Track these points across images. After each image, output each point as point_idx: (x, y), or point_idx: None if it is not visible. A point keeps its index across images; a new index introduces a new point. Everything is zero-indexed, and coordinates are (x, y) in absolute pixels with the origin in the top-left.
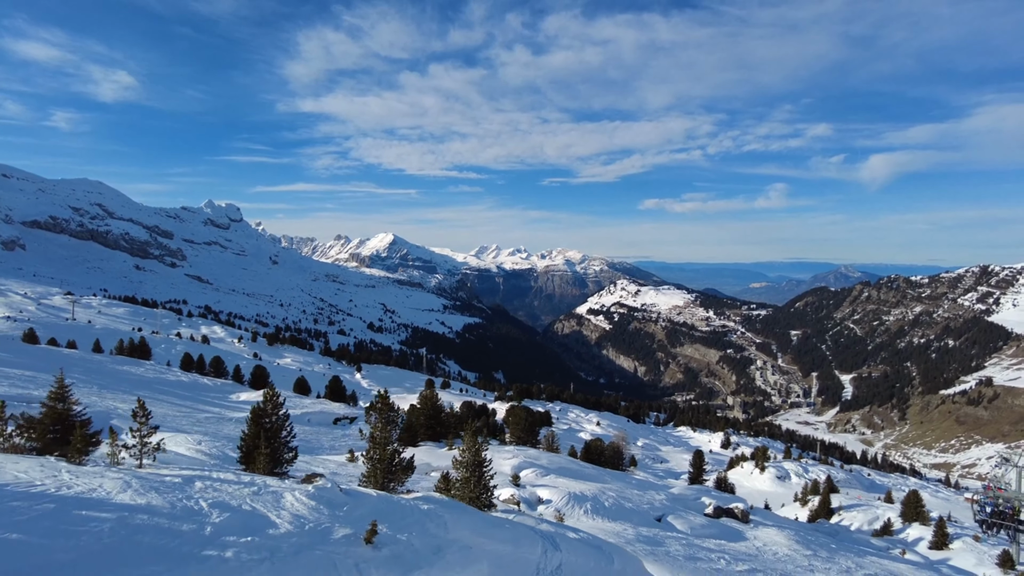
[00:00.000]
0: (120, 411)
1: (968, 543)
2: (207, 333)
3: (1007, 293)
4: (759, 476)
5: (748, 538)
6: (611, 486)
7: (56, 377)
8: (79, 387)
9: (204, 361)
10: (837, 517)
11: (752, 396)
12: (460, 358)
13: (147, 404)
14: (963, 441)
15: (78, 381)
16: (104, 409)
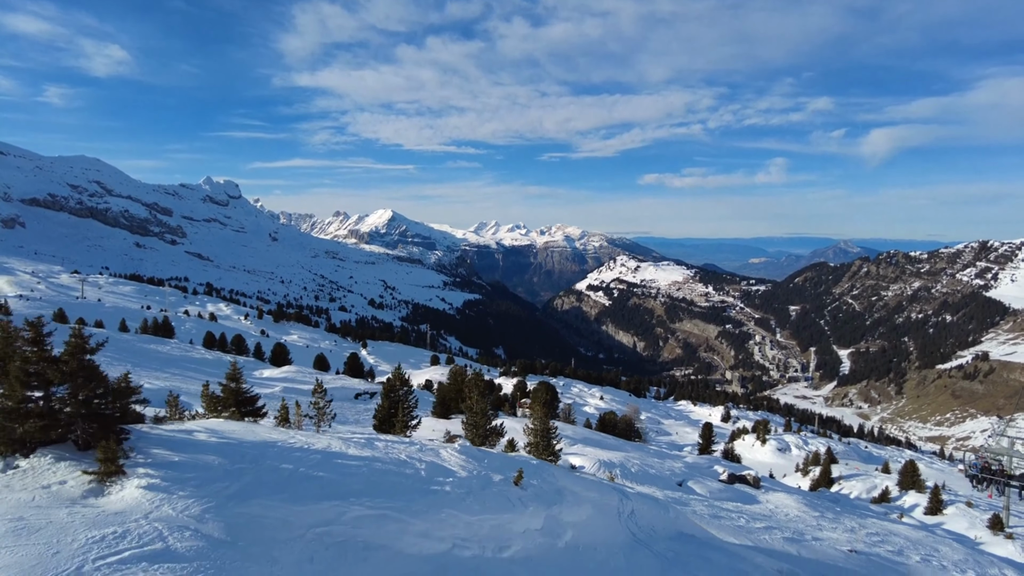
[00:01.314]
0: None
1: (961, 508)
2: (213, 311)
3: (1006, 268)
4: (760, 448)
5: (761, 501)
6: (633, 455)
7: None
8: (115, 365)
9: (226, 339)
10: (837, 486)
11: (750, 371)
12: (461, 334)
13: (182, 380)
14: (958, 415)
15: (113, 359)
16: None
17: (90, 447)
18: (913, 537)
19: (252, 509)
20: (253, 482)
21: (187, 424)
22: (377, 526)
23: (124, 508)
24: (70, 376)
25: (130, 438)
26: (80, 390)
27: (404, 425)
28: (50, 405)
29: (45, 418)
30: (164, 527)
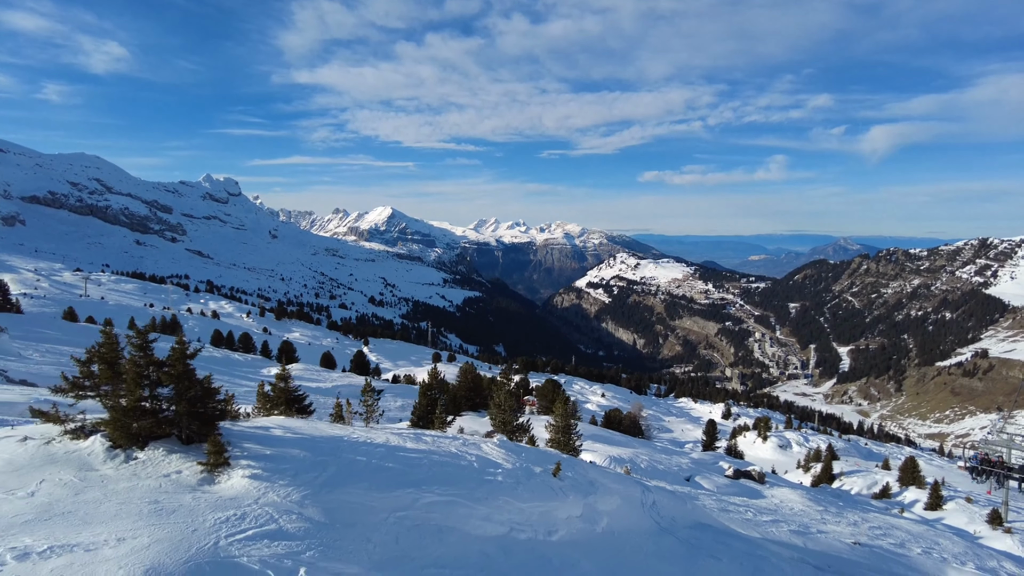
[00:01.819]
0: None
1: (961, 504)
2: (216, 308)
3: (1005, 266)
4: (762, 445)
5: (766, 496)
6: (641, 451)
7: (281, 364)
8: None
9: (233, 337)
10: (838, 482)
11: (750, 368)
12: (461, 331)
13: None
14: (957, 412)
15: None
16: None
17: (192, 441)
18: (914, 531)
19: (341, 496)
20: (337, 472)
21: (259, 421)
22: (447, 511)
23: (236, 494)
24: (176, 379)
25: (222, 434)
26: (185, 391)
27: (442, 421)
28: (159, 404)
29: (156, 416)
30: (273, 511)
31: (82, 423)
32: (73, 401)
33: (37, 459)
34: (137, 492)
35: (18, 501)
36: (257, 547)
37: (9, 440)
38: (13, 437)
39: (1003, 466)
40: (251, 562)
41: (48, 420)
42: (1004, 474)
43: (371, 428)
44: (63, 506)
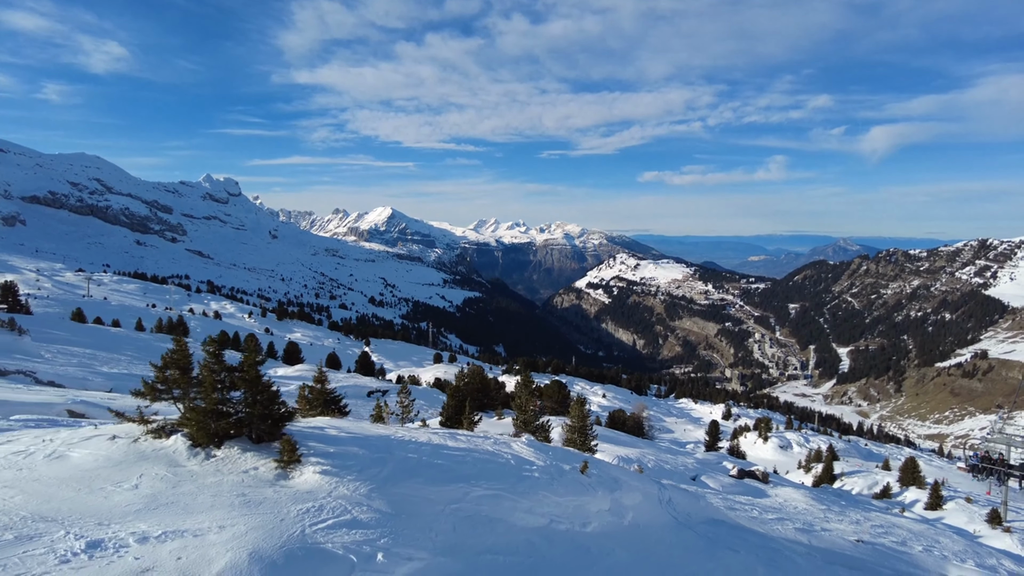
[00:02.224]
0: None
1: (960, 504)
2: (217, 308)
3: (1005, 267)
4: (762, 445)
5: (770, 495)
6: (647, 451)
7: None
8: (136, 364)
9: (239, 338)
10: (839, 482)
11: (750, 369)
12: (461, 332)
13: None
14: (957, 413)
15: (133, 359)
16: None
17: (262, 441)
18: (915, 529)
19: (402, 489)
20: (395, 469)
21: (312, 421)
22: (494, 503)
23: (311, 488)
24: (248, 384)
25: (287, 434)
26: (257, 395)
27: (471, 422)
28: (232, 407)
29: (230, 417)
30: (346, 503)
31: (163, 423)
32: (147, 403)
33: (131, 456)
34: (224, 486)
35: (127, 493)
36: (338, 535)
37: (100, 439)
38: (102, 436)
39: (1004, 464)
40: (335, 548)
41: (127, 420)
42: (1005, 472)
43: (408, 427)
44: (165, 497)
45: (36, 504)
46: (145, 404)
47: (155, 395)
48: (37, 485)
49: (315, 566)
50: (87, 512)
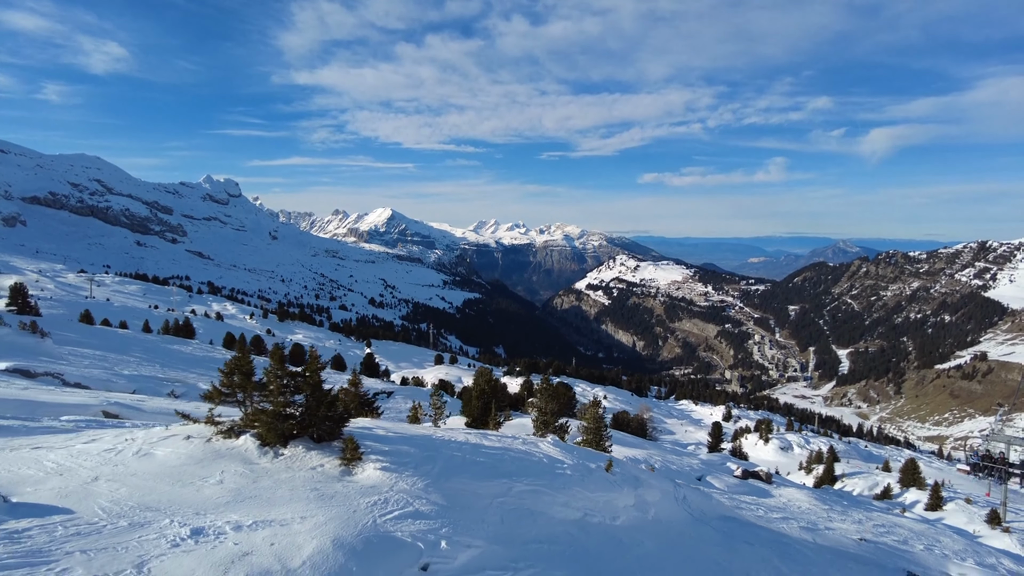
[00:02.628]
0: None
1: (960, 505)
2: (219, 310)
3: (1004, 269)
4: (763, 447)
5: (774, 496)
6: (653, 452)
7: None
8: (145, 365)
9: (245, 340)
10: (840, 483)
11: (750, 370)
12: (461, 333)
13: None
14: (956, 414)
15: (142, 360)
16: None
17: (322, 440)
18: (916, 529)
19: (454, 484)
20: (445, 466)
21: (359, 422)
22: (535, 498)
23: (374, 483)
24: (312, 388)
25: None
26: (321, 398)
27: (497, 423)
28: (296, 409)
29: (297, 419)
30: (407, 496)
31: (231, 424)
32: (212, 406)
33: (209, 454)
34: (297, 481)
35: (214, 487)
36: (404, 524)
37: (176, 438)
38: (178, 436)
39: (1004, 463)
40: (404, 536)
41: (190, 421)
42: (1006, 471)
43: (442, 428)
44: (248, 491)
45: (139, 496)
46: (210, 406)
47: (221, 398)
48: (136, 479)
49: (389, 552)
50: (184, 503)
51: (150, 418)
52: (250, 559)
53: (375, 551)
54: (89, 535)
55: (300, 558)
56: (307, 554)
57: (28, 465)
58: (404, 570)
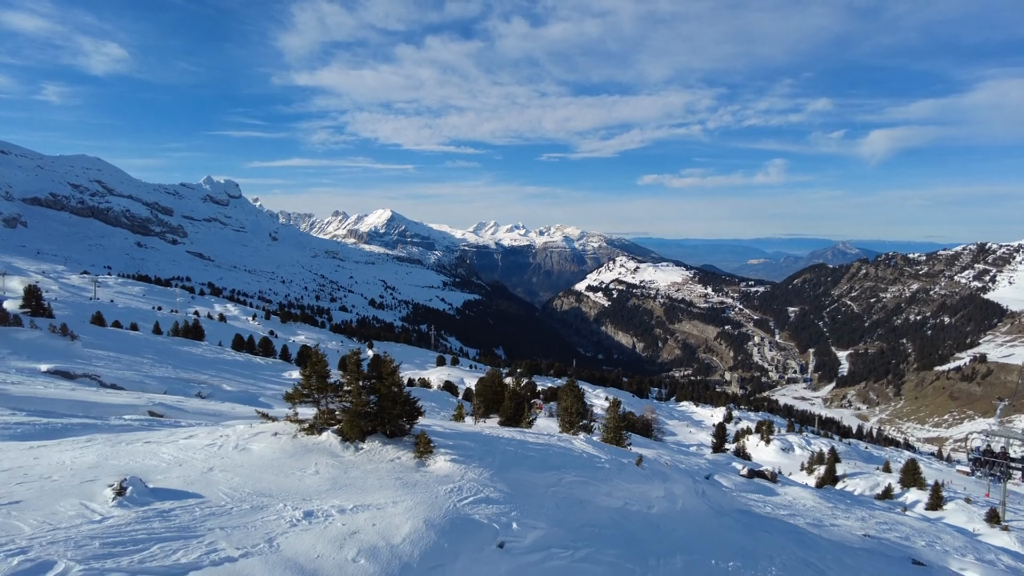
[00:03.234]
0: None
1: (960, 504)
2: (221, 311)
3: (1003, 271)
4: (765, 448)
5: (779, 494)
6: (662, 452)
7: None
8: (159, 366)
9: (254, 342)
10: (842, 484)
11: (749, 372)
12: (461, 334)
13: (226, 382)
14: (956, 416)
15: (155, 361)
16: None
17: (394, 436)
18: (917, 527)
19: (514, 475)
20: (503, 459)
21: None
22: (582, 488)
23: (446, 474)
24: (387, 389)
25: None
26: (396, 398)
27: (529, 421)
28: (372, 408)
29: (375, 417)
30: (476, 484)
31: (313, 422)
32: (290, 405)
33: (299, 448)
34: (382, 472)
35: (312, 477)
36: (479, 509)
37: (265, 434)
38: (266, 432)
39: (1005, 457)
40: (480, 518)
41: (268, 419)
42: (1006, 465)
43: (483, 425)
44: (343, 480)
45: (252, 484)
46: (289, 406)
47: (301, 399)
48: (244, 470)
49: (470, 531)
50: (291, 491)
51: (193, 417)
52: (359, 537)
53: (459, 530)
54: (222, 515)
55: (400, 536)
56: (405, 533)
57: (148, 457)
58: (484, 547)
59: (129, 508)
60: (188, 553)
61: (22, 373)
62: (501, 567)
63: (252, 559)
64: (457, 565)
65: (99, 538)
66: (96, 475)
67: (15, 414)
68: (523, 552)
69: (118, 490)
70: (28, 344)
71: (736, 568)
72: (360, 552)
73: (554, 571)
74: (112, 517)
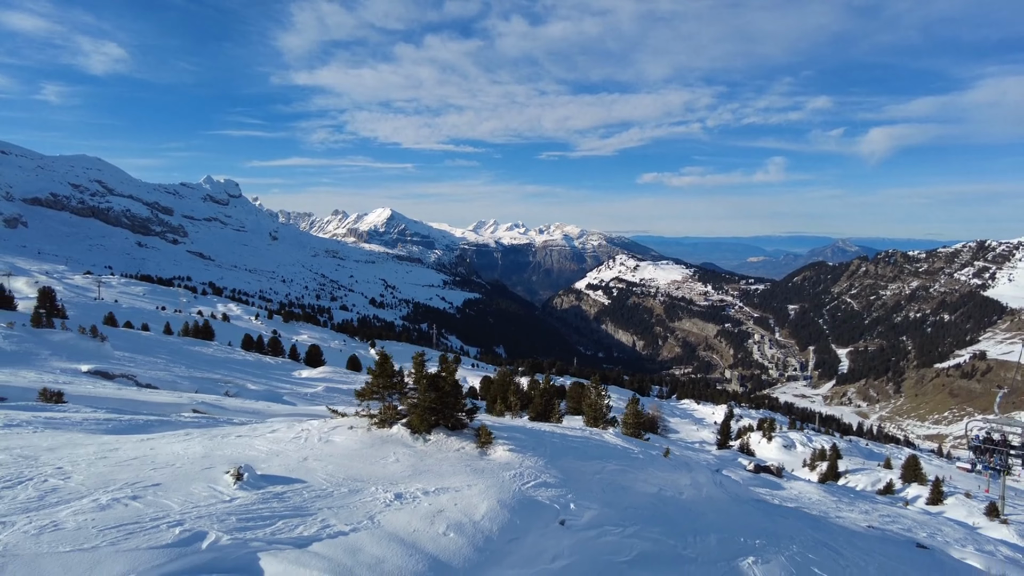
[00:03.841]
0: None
1: (960, 499)
2: (224, 311)
3: (1003, 268)
4: (767, 445)
5: (785, 488)
6: (674, 448)
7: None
8: (173, 367)
9: (263, 342)
10: (844, 480)
11: (750, 370)
12: (461, 333)
13: (245, 381)
14: (956, 413)
15: (168, 361)
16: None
17: (455, 429)
18: (919, 520)
19: (564, 463)
20: (553, 448)
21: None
22: (622, 475)
23: (507, 461)
24: (450, 386)
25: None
26: (457, 394)
27: (559, 417)
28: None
29: (438, 412)
30: (535, 471)
31: (383, 416)
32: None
33: (376, 440)
34: (451, 459)
35: (395, 464)
36: (540, 492)
37: (341, 428)
38: (342, 426)
39: (1005, 444)
40: (543, 499)
41: (339, 415)
42: (1005, 452)
43: (522, 420)
44: (421, 467)
45: (344, 471)
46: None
47: (370, 396)
48: (334, 459)
49: (535, 510)
50: (378, 477)
51: (235, 415)
52: (445, 514)
53: (527, 510)
54: (326, 497)
55: (479, 513)
56: (483, 511)
57: (245, 449)
58: (549, 524)
59: (249, 491)
60: (307, 528)
61: (66, 373)
62: (564, 541)
63: (360, 533)
64: (529, 539)
65: (234, 514)
66: (211, 463)
67: (96, 411)
68: (581, 529)
69: (236, 475)
70: (62, 345)
71: (762, 545)
72: (449, 527)
73: (609, 545)
74: (238, 498)
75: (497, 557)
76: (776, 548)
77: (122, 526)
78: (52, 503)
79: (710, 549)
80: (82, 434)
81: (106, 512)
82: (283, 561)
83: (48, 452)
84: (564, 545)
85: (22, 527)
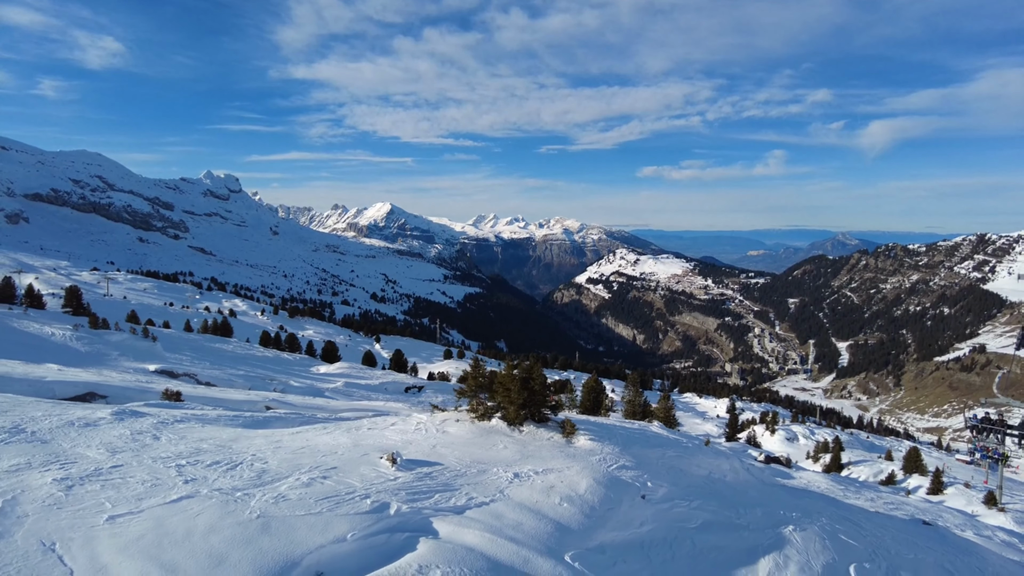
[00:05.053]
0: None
1: (960, 489)
2: (231, 306)
3: (1003, 261)
4: (770, 438)
5: (795, 478)
6: None
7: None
8: (198, 363)
9: (280, 338)
10: (847, 471)
11: (750, 363)
12: (462, 327)
13: (281, 377)
14: (955, 406)
15: (194, 358)
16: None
17: (541, 422)
18: (920, 507)
19: (634, 450)
20: (621, 438)
21: None
22: (679, 460)
23: (590, 448)
24: (540, 385)
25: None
26: (544, 392)
27: (606, 411)
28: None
29: (527, 406)
30: (614, 456)
31: (483, 411)
32: (456, 399)
33: (482, 431)
34: (546, 446)
35: (503, 450)
36: (622, 472)
37: (449, 421)
38: (450, 419)
39: (1002, 424)
40: (625, 478)
41: (442, 411)
42: (1003, 432)
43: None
44: (526, 452)
45: (469, 456)
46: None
47: (466, 394)
48: (456, 446)
49: (622, 487)
50: (496, 460)
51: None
52: (556, 489)
53: (616, 486)
54: (463, 476)
55: (582, 488)
56: (584, 487)
57: (381, 439)
58: (634, 497)
59: (405, 472)
60: (457, 500)
61: (139, 373)
62: (647, 511)
63: (497, 503)
64: (621, 509)
65: (403, 490)
66: (363, 451)
67: (215, 408)
68: (657, 502)
69: (391, 460)
70: (122, 345)
71: (798, 517)
72: (561, 499)
73: (680, 515)
74: (400, 477)
75: (600, 522)
76: (809, 520)
77: (328, 498)
78: (269, 481)
79: (758, 519)
80: (230, 428)
81: (311, 488)
82: (450, 524)
83: (232, 443)
84: (647, 514)
85: (261, 498)
